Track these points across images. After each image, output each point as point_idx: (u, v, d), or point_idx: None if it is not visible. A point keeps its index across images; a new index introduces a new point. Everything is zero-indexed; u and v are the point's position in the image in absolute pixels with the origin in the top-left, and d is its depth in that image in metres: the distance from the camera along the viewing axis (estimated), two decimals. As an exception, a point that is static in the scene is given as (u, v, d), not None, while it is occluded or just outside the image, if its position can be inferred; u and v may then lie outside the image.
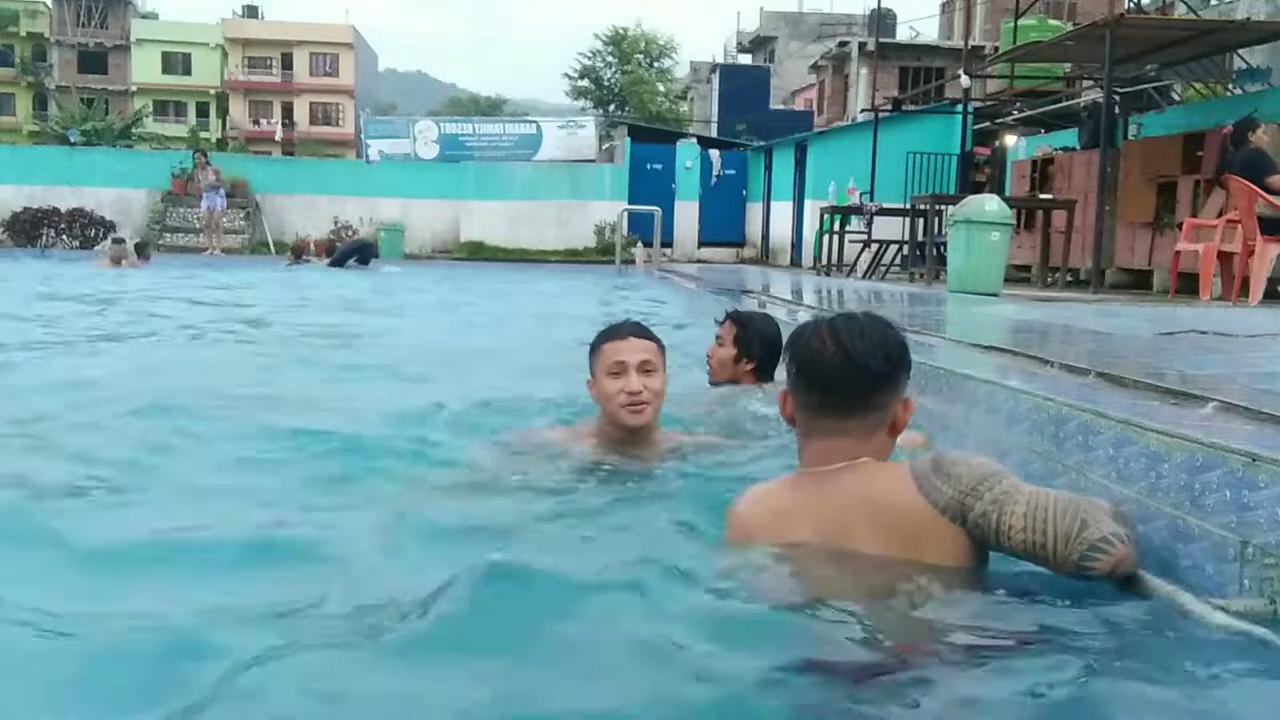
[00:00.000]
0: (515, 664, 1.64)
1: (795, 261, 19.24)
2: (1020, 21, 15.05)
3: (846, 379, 2.08)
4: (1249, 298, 8.15)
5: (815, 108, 35.83)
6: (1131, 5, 13.58)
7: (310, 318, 8.78)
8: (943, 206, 11.28)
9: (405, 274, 15.75)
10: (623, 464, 3.07)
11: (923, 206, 11.96)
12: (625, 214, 19.00)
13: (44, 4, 57.66)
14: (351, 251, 17.01)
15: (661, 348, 3.21)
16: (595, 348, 3.20)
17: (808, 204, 18.77)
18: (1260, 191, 8.16)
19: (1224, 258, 8.60)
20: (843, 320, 2.14)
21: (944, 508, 1.97)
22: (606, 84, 50.04)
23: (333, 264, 16.55)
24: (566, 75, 51.31)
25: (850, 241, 14.02)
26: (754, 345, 4.01)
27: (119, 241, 15.81)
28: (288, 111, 57.52)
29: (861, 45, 31.10)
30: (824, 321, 2.15)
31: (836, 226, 14.23)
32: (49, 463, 3.13)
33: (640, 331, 3.21)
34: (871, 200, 14.29)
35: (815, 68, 36.59)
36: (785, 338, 3.76)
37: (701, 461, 3.14)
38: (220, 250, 18.93)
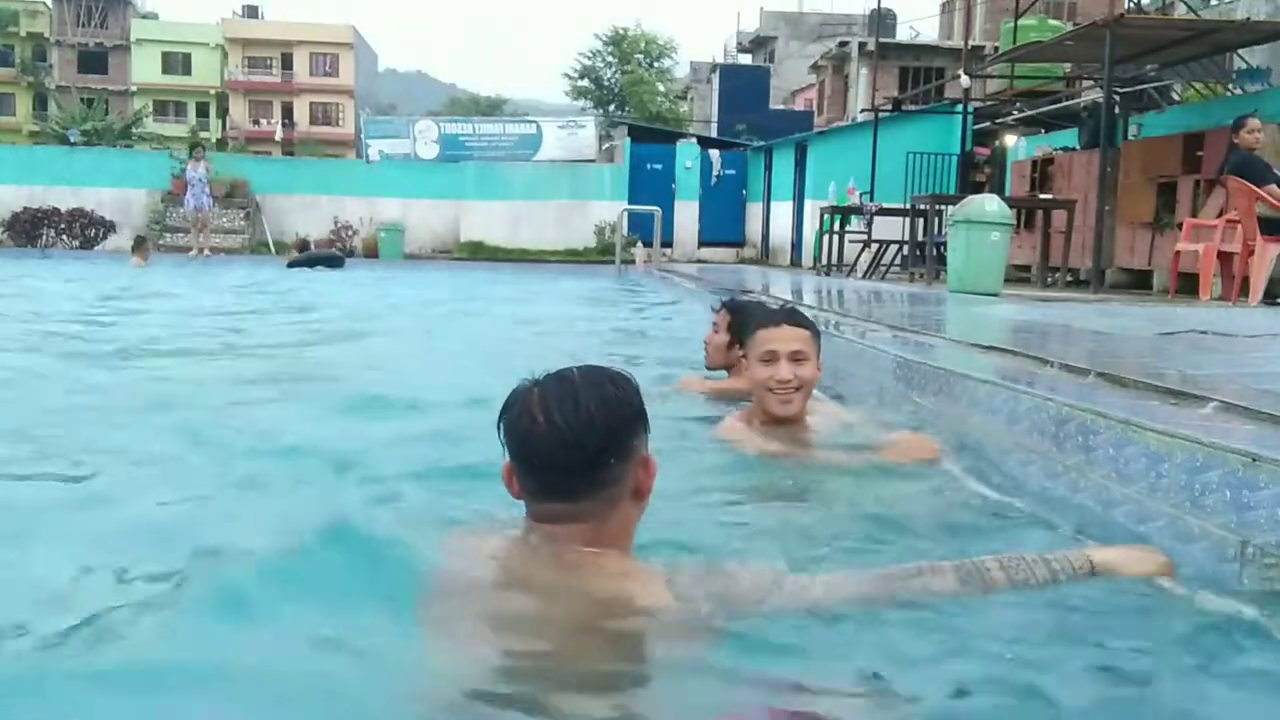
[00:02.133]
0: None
1: (795, 261, 19.24)
2: (1020, 21, 15.05)
3: (563, 461, 1.72)
4: (1249, 298, 8.15)
5: (815, 108, 35.82)
6: (1131, 5, 13.58)
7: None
8: (943, 206, 11.28)
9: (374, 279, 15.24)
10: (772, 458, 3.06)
11: (923, 206, 11.96)
12: (625, 214, 19.00)
13: (44, 4, 57.64)
14: (315, 260, 16.87)
15: (816, 335, 3.16)
16: (750, 333, 3.20)
17: (808, 204, 18.77)
18: (1260, 191, 8.16)
19: (1224, 258, 8.60)
20: (554, 386, 1.76)
21: (704, 621, 1.73)
22: (606, 84, 50.02)
23: (291, 265, 16.45)
24: (566, 75, 51.33)
25: (850, 241, 14.02)
26: (746, 332, 4.08)
27: (143, 240, 16.06)
28: (288, 111, 57.50)
29: (861, 45, 31.10)
30: (532, 388, 1.77)
31: (836, 226, 14.23)
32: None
33: (795, 319, 3.17)
34: (871, 200, 14.29)
35: (815, 68, 36.59)
36: None
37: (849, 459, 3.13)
38: (209, 250, 18.55)
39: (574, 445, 1.71)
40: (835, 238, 14.15)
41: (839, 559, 2.20)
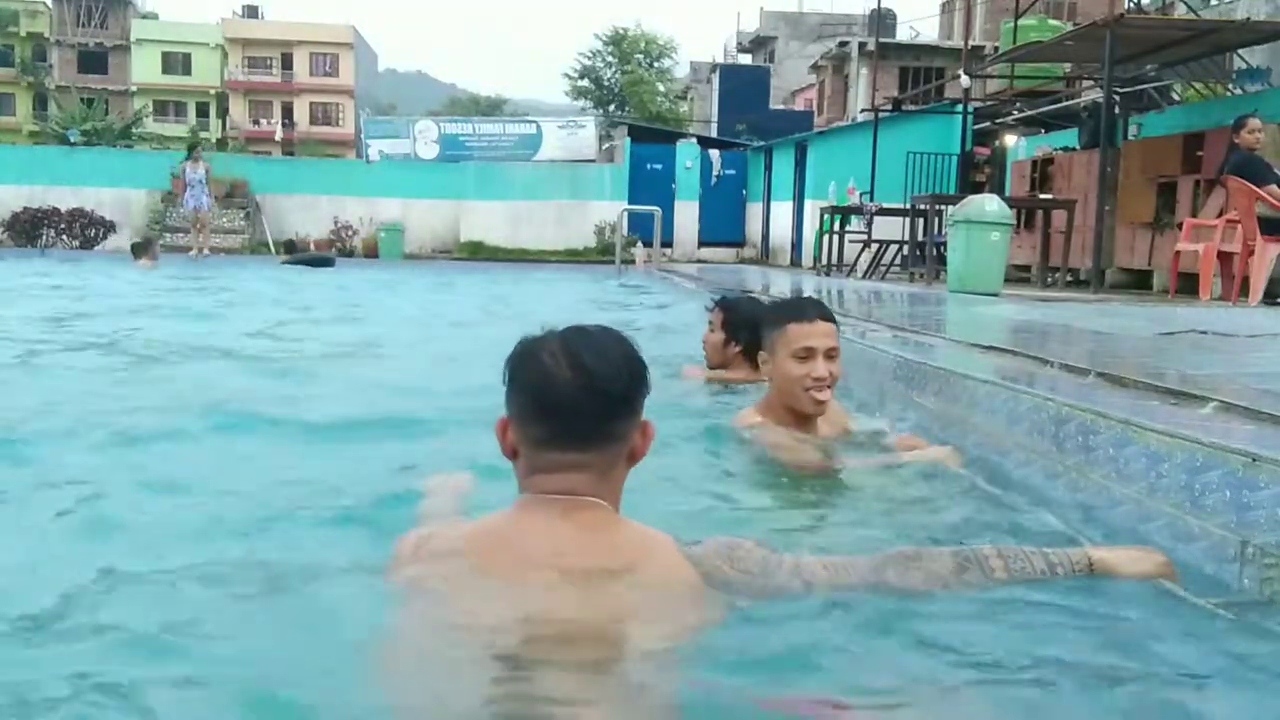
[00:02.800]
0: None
1: (795, 261, 19.24)
2: (1020, 21, 15.05)
3: (585, 407, 1.71)
4: (1249, 298, 8.14)
5: (815, 108, 35.82)
6: (1131, 5, 13.57)
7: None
8: (943, 206, 11.28)
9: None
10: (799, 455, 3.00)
11: (923, 206, 11.96)
12: (625, 214, 18.99)
13: (44, 4, 57.65)
14: (306, 262, 16.97)
15: (837, 329, 3.14)
16: (776, 325, 3.11)
17: (808, 204, 18.76)
18: (1260, 191, 8.15)
19: (1224, 258, 8.60)
20: (575, 335, 1.76)
21: (719, 586, 1.75)
22: (606, 84, 49.99)
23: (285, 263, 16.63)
24: (566, 75, 51.29)
25: (850, 241, 14.02)
26: (740, 330, 4.13)
27: (148, 243, 16.10)
28: (288, 111, 57.52)
29: (861, 45, 31.10)
30: (552, 336, 1.77)
31: (836, 226, 14.24)
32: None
33: (826, 313, 3.11)
34: (871, 200, 14.29)
35: (815, 68, 36.60)
36: None
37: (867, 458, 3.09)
38: (208, 250, 18.39)
39: (600, 392, 1.71)
40: (835, 238, 14.15)
41: (846, 549, 2.20)
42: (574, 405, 1.71)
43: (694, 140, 23.47)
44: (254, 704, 1.54)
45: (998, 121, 17.82)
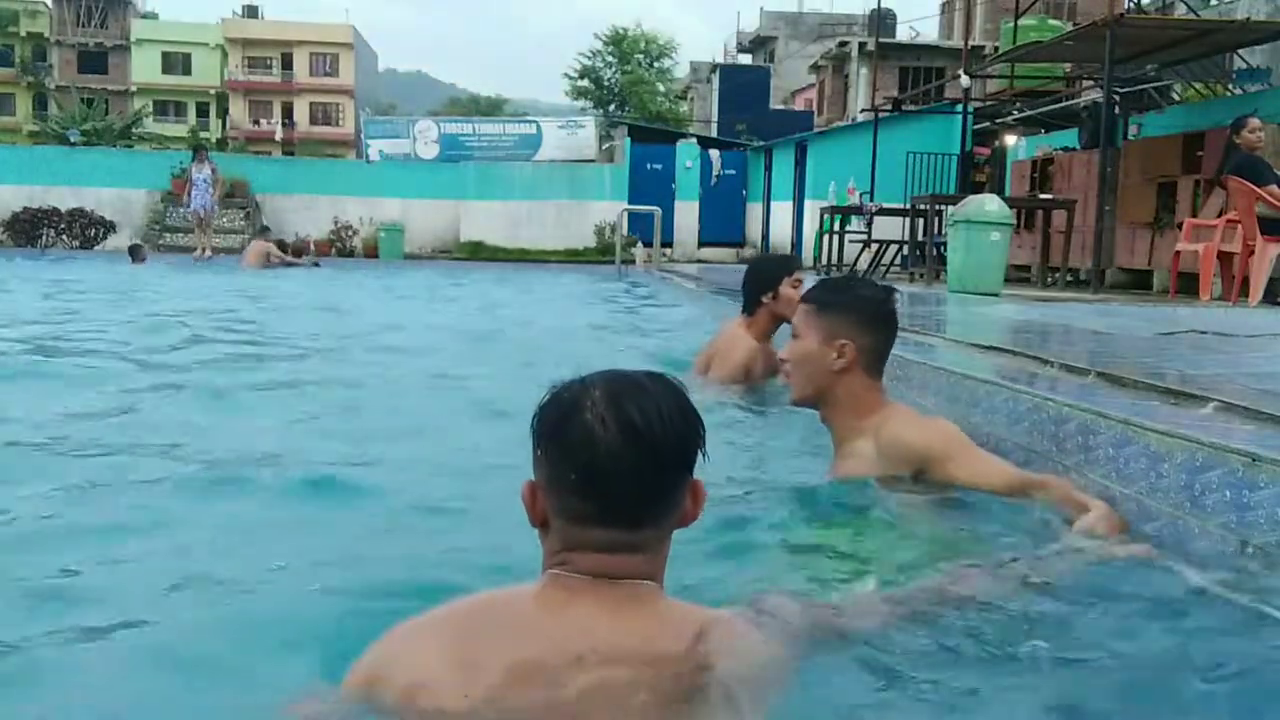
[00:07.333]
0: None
1: (795, 261, 19.22)
2: (1020, 21, 15.03)
3: (638, 476, 1.39)
4: (1249, 298, 8.14)
5: (815, 108, 35.83)
6: (1131, 5, 13.57)
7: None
8: (943, 206, 11.27)
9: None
10: None
11: (923, 206, 11.95)
12: (625, 214, 18.98)
13: (44, 4, 57.66)
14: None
15: (817, 308, 2.71)
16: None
17: (808, 204, 18.77)
18: (1260, 191, 8.15)
19: (1224, 258, 8.59)
20: (621, 387, 1.42)
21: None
22: (606, 84, 50.01)
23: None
24: (566, 75, 51.32)
25: (850, 241, 14.01)
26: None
27: (138, 249, 16.33)
28: (288, 111, 57.53)
29: (861, 45, 31.12)
30: (590, 386, 1.42)
31: (836, 226, 14.23)
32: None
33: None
34: (871, 200, 14.28)
35: (815, 68, 36.62)
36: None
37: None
38: (210, 251, 18.27)
39: (659, 459, 1.41)
40: (835, 238, 14.15)
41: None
42: (625, 474, 1.39)
43: (694, 140, 23.47)
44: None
45: (998, 121, 17.81)
